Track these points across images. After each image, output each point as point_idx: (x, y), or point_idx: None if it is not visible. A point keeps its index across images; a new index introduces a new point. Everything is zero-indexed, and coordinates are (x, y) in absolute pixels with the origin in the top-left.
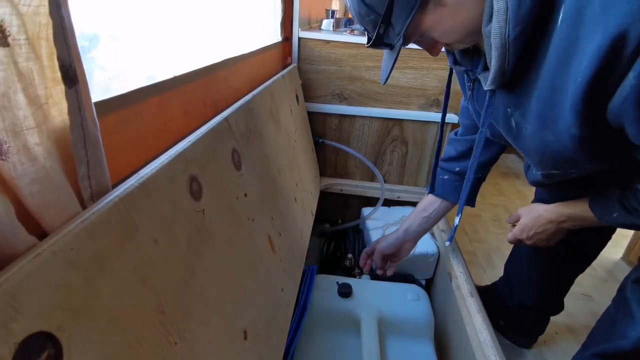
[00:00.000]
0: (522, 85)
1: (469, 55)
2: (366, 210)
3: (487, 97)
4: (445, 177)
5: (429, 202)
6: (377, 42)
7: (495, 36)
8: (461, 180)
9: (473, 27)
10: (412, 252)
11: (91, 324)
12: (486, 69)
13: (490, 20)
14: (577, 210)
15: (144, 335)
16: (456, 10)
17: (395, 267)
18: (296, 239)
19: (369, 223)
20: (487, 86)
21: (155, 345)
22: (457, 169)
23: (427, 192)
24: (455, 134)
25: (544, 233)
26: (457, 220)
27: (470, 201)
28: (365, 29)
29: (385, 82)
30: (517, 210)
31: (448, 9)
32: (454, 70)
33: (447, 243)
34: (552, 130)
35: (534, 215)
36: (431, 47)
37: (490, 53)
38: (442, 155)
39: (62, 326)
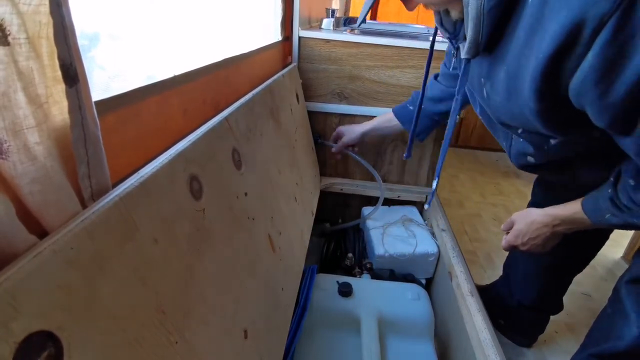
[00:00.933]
0: (494, 57)
1: (452, 21)
2: (366, 210)
3: (462, 66)
4: (410, 107)
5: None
6: None
7: (472, 7)
8: (439, 122)
9: None
10: (412, 252)
11: (91, 324)
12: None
13: None
14: (571, 212)
15: (144, 334)
16: None
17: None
18: (296, 239)
19: (369, 223)
20: (463, 55)
21: (155, 344)
22: (444, 109)
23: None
24: (435, 77)
25: (538, 238)
26: (434, 184)
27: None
28: None
29: (359, 25)
30: (511, 216)
31: None
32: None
33: (427, 206)
34: (515, 103)
35: (528, 220)
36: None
37: (468, 23)
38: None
39: (62, 325)
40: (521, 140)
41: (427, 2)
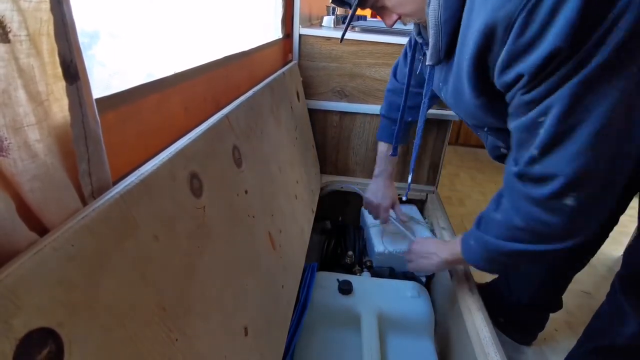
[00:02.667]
0: (449, 64)
1: (424, 31)
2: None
3: (427, 72)
4: (393, 127)
5: (386, 147)
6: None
7: (431, 17)
8: (409, 127)
9: (423, 5)
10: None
11: (92, 321)
12: None
13: (430, 2)
14: (455, 255)
15: (144, 331)
16: None
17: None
18: (297, 236)
19: (369, 220)
20: (427, 61)
21: (156, 341)
22: (410, 119)
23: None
24: (424, 97)
25: (426, 259)
26: (409, 178)
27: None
28: None
29: (342, 40)
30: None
31: None
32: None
33: (404, 198)
34: (463, 102)
35: (424, 249)
36: (386, 16)
37: (429, 32)
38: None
39: (63, 322)
40: (492, 136)
41: (402, 14)
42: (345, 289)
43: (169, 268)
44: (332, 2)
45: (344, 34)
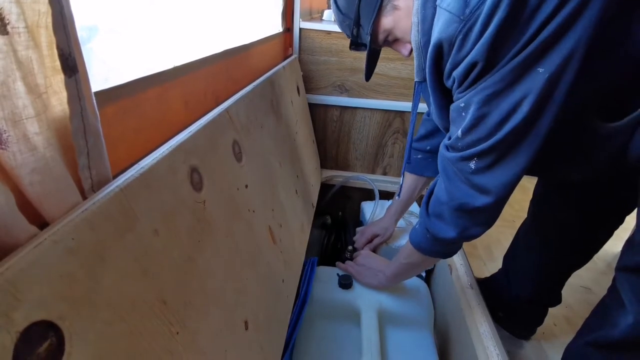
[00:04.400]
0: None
1: None
2: (366, 204)
3: (415, 87)
4: (419, 156)
5: (408, 186)
6: (353, 42)
7: (413, 42)
8: (433, 157)
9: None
10: None
11: (92, 314)
12: None
13: (412, 29)
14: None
15: (145, 325)
16: (408, 13)
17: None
18: (297, 231)
19: (369, 216)
20: (415, 78)
21: (156, 334)
22: (428, 147)
23: (402, 171)
24: (428, 114)
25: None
26: (401, 180)
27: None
28: (346, 34)
29: (368, 79)
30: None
31: (402, 11)
32: None
33: (397, 197)
34: (440, 110)
35: (369, 262)
36: (400, 46)
37: (414, 52)
38: (415, 135)
39: (63, 315)
40: None
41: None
42: (346, 283)
43: (169, 262)
44: (351, 47)
45: (367, 73)
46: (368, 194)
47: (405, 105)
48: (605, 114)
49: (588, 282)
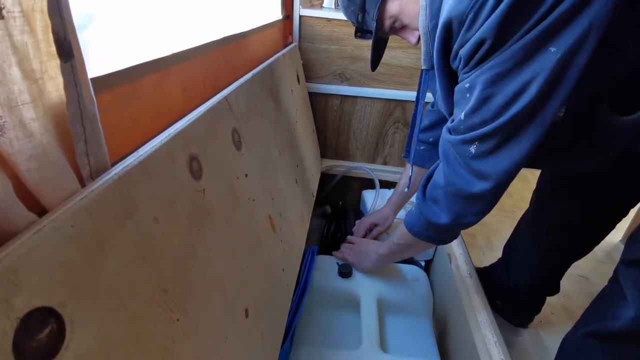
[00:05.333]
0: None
1: None
2: (366, 193)
3: (422, 75)
4: (422, 147)
5: (408, 177)
6: (359, 29)
7: (421, 27)
8: (436, 149)
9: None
10: None
11: (93, 301)
12: None
13: (420, 13)
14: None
15: (146, 312)
16: None
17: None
18: (297, 220)
19: (370, 205)
20: (422, 65)
21: (157, 321)
22: (431, 139)
23: (407, 161)
24: (432, 105)
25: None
26: (409, 171)
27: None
28: (352, 21)
29: (374, 69)
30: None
31: None
32: None
33: (406, 189)
34: (447, 95)
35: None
36: (407, 33)
37: (422, 38)
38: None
39: (64, 302)
40: None
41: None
42: (345, 272)
43: (169, 250)
44: (356, 35)
45: (373, 62)
46: (368, 184)
47: (407, 95)
48: (618, 106)
49: (586, 272)
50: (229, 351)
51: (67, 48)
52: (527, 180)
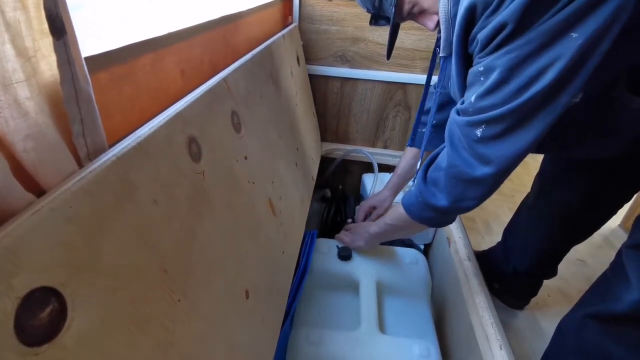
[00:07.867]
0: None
1: None
2: (367, 177)
3: (440, 62)
4: (424, 130)
5: (407, 161)
6: (375, 15)
7: (442, 12)
8: (437, 131)
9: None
10: None
11: (94, 281)
12: None
13: None
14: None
15: (147, 292)
16: None
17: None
18: (297, 203)
19: (370, 188)
20: (440, 53)
21: (158, 302)
22: (434, 121)
23: (407, 144)
24: (435, 87)
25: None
26: (417, 165)
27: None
28: (367, 8)
29: (389, 57)
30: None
31: None
32: None
33: (411, 183)
34: (461, 85)
35: (361, 231)
36: (425, 18)
37: (442, 25)
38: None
39: (65, 282)
40: None
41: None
42: (345, 255)
43: (169, 232)
44: (372, 22)
45: (389, 51)
46: (368, 168)
47: (408, 77)
48: (636, 88)
49: (583, 255)
50: (229, 332)
51: (59, 25)
52: (528, 165)
